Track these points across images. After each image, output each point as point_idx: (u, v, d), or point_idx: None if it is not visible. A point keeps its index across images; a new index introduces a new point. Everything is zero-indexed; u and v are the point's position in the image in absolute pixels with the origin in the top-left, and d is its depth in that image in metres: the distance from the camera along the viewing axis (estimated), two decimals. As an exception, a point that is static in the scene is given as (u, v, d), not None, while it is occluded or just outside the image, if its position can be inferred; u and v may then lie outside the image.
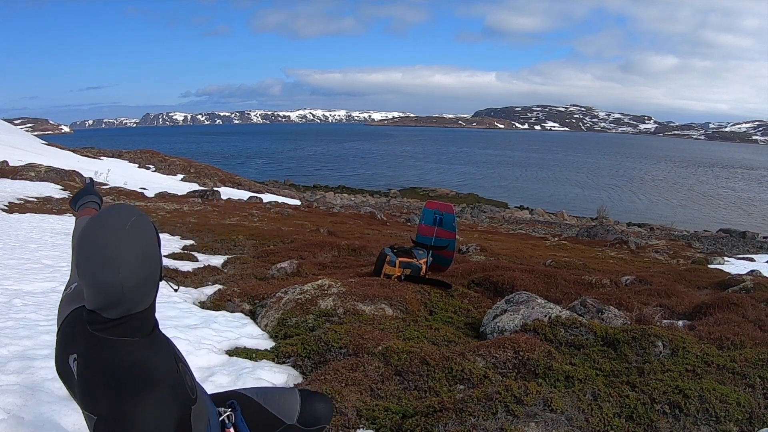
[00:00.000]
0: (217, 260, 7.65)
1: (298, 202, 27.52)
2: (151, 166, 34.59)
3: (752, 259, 14.61)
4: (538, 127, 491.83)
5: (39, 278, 5.51)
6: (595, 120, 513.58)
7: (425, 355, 3.39)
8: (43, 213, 11.60)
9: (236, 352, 3.80)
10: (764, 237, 24.04)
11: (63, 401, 2.56)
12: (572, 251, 13.16)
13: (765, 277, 8.00)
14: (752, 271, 9.87)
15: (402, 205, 34.20)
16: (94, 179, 2.39)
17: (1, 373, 2.81)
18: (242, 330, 4.35)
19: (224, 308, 4.97)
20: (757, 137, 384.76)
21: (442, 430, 2.59)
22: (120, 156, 37.66)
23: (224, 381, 3.20)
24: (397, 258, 5.58)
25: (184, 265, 6.97)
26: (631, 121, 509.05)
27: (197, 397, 1.36)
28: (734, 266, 12.16)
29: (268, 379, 3.30)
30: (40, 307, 4.39)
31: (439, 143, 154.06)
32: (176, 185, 27.06)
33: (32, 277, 5.56)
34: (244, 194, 26.64)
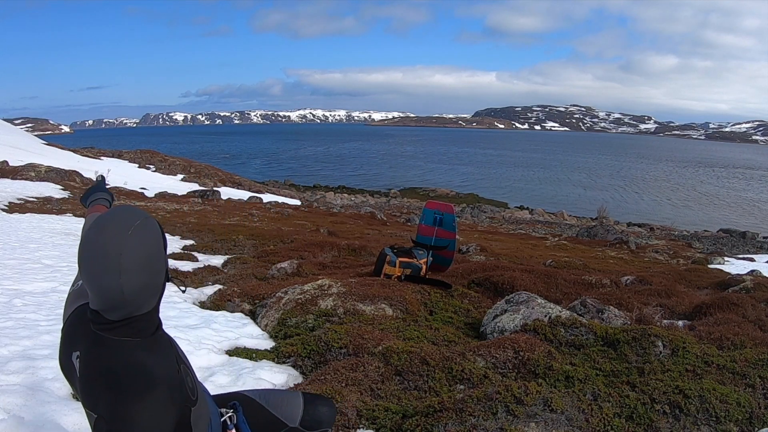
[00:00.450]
0: (217, 260, 7.66)
1: (298, 202, 27.53)
2: (151, 166, 34.62)
3: (752, 259, 14.60)
4: (538, 127, 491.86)
5: (39, 278, 5.51)
6: (596, 120, 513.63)
7: (425, 355, 3.39)
8: (43, 213, 11.60)
9: (236, 352, 3.80)
10: (764, 237, 24.03)
11: (63, 401, 2.56)
12: (572, 251, 13.16)
13: (765, 277, 7.99)
14: (752, 271, 9.85)
15: (402, 205, 34.19)
16: (105, 177, 2.40)
17: (1, 373, 2.82)
18: (242, 330, 4.35)
19: (224, 308, 4.97)
20: (757, 137, 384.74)
21: (442, 430, 2.59)
22: (120, 156, 37.71)
23: (224, 381, 3.20)
24: (397, 258, 5.58)
25: (184, 265, 6.98)
26: (632, 121, 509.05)
27: (198, 398, 1.36)
28: (734, 266, 12.15)
29: (268, 379, 3.29)
30: (40, 307, 4.39)
31: (439, 143, 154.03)
32: (176, 185, 27.07)
33: (32, 277, 5.56)
34: (244, 194, 26.65)
